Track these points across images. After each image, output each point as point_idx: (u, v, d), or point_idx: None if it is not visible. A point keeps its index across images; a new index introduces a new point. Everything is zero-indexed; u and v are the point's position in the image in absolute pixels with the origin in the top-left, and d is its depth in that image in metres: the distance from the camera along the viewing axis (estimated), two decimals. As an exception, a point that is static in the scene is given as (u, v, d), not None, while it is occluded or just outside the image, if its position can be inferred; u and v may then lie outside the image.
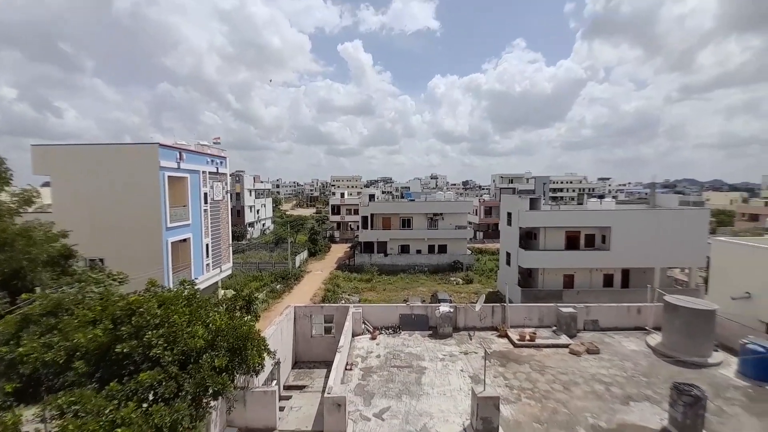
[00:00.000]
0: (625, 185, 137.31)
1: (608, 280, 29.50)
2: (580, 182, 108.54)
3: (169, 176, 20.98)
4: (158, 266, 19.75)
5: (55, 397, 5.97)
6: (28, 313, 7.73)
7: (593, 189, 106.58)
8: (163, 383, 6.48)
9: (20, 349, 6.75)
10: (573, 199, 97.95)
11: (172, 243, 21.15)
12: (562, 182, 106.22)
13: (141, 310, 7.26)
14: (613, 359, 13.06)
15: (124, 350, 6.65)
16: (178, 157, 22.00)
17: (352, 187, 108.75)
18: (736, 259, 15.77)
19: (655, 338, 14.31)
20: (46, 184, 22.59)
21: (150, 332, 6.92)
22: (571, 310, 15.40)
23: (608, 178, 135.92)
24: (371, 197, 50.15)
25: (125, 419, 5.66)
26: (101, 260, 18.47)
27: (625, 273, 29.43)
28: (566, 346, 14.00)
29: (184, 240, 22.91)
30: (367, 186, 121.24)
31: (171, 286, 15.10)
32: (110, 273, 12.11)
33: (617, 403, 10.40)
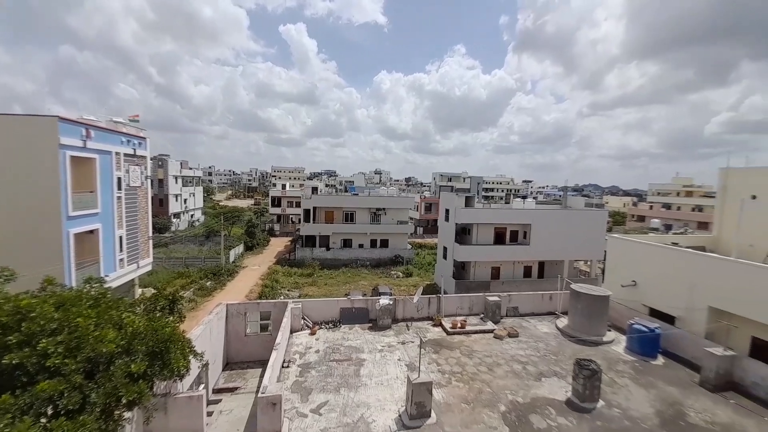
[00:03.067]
0: (543, 188, 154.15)
1: (527, 271, 33.04)
2: (508, 183, 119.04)
3: (72, 156, 17.95)
4: (58, 261, 16.89)
5: None
6: None
7: (518, 190, 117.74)
8: (65, 394, 5.63)
9: None
10: (502, 198, 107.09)
11: (75, 234, 18.21)
12: (493, 183, 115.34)
13: (33, 314, 6.18)
14: (529, 341, 14.72)
15: (13, 361, 5.62)
16: (84, 134, 18.94)
17: (295, 178, 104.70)
18: (626, 253, 18.79)
19: (563, 321, 16.47)
20: None
21: (45, 339, 5.95)
22: (496, 298, 16.94)
23: (530, 181, 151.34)
24: (314, 190, 48.89)
25: (15, 439, 4.82)
26: (-25, 255, 15.17)
27: (541, 265, 33.24)
28: (491, 331, 15.38)
29: (92, 231, 19.89)
30: (310, 178, 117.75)
31: (74, 284, 13.02)
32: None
33: (531, 379, 11.78)
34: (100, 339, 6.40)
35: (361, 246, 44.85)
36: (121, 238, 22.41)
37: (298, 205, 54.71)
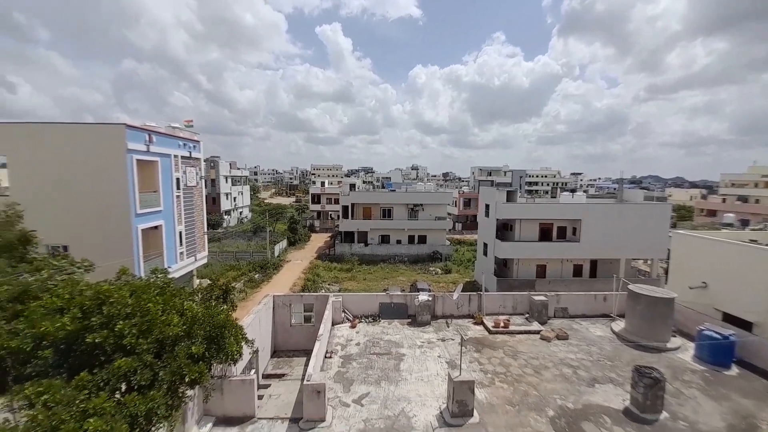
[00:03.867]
0: (595, 180, 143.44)
1: (578, 270, 30.99)
2: (554, 176, 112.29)
3: (137, 159, 19.92)
4: (128, 254, 18.89)
5: (22, 387, 5.68)
6: None
7: (566, 183, 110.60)
8: (138, 372, 6.29)
9: (-20, 337, 6.33)
10: (547, 192, 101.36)
11: (142, 230, 20.24)
12: (537, 176, 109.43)
13: (112, 299, 6.95)
14: (581, 344, 13.82)
15: (95, 340, 6.37)
16: (147, 139, 20.89)
17: (333, 176, 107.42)
18: (694, 252, 16.92)
19: (619, 324, 15.24)
20: (2, 166, 20.91)
21: (122, 322, 6.66)
22: (542, 298, 16.10)
23: (580, 173, 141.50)
24: (352, 187, 49.88)
25: (97, 409, 5.47)
26: (64, 247, 17.46)
27: (593, 263, 31.00)
28: (538, 332, 14.66)
29: (156, 227, 21.96)
30: (347, 175, 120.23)
31: (142, 274, 14.51)
32: (74, 261, 11.48)
33: (584, 385, 11.06)
34: (167, 323, 7.05)
35: (398, 242, 44.95)
36: (180, 233, 24.50)
37: (336, 201, 56.06)
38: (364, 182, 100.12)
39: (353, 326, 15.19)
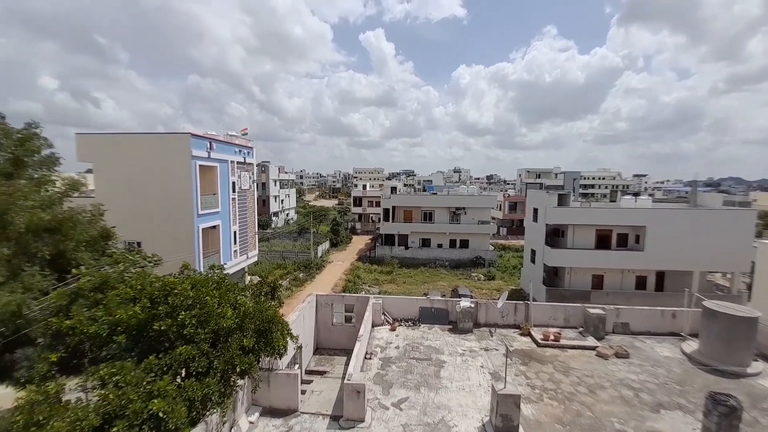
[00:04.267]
0: (663, 183, 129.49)
1: (641, 283, 28.09)
2: (614, 178, 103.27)
3: (200, 165, 21.83)
4: (190, 251, 20.73)
5: (97, 368, 6.42)
6: (79, 287, 8.33)
7: (628, 186, 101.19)
8: (196, 359, 6.84)
9: (68, 321, 7.30)
10: (605, 196, 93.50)
11: (202, 229, 22.10)
12: (593, 178, 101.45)
13: (176, 291, 7.65)
14: (644, 365, 12.49)
15: (161, 328, 7.05)
16: (209, 146, 22.81)
17: (374, 179, 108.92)
18: (788, 265, 14.55)
19: (691, 345, 13.54)
20: (88, 171, 24.11)
21: (184, 312, 7.30)
22: (599, 311, 14.82)
23: (644, 175, 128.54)
24: (393, 190, 50.09)
25: (161, 391, 6.03)
26: (138, 243, 19.61)
27: (660, 275, 27.91)
28: (593, 348, 13.51)
29: (214, 227, 23.86)
30: (389, 178, 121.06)
31: (201, 270, 15.82)
32: (145, 255, 12.84)
33: (647, 409, 9.97)
34: (222, 315, 7.62)
35: (439, 246, 44.22)
36: (235, 232, 26.38)
37: (377, 204, 56.70)
38: (405, 185, 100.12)
39: (393, 329, 15.19)
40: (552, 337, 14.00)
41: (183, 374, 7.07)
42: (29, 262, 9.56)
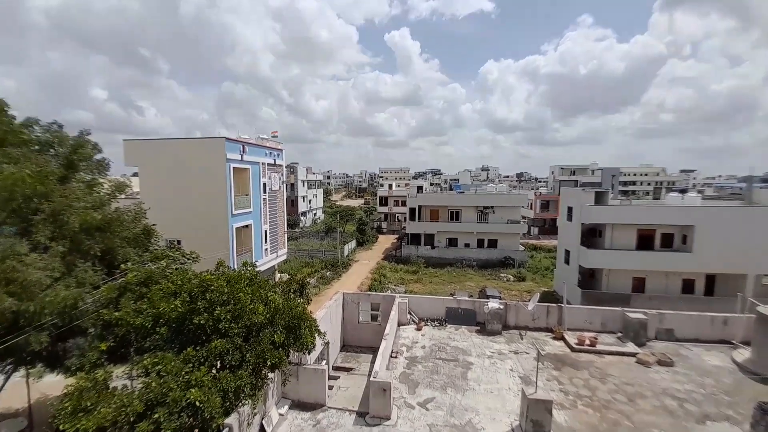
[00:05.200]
0: (713, 178, 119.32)
1: (688, 286, 26.04)
2: (657, 174, 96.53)
3: (234, 167, 22.84)
4: (225, 249, 21.75)
5: (142, 358, 6.90)
6: (127, 281, 9.00)
7: (673, 182, 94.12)
8: (230, 352, 7.17)
9: (116, 313, 7.90)
10: (648, 193, 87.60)
11: (236, 228, 23.12)
12: (635, 174, 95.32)
13: (213, 287, 8.06)
14: (690, 374, 11.60)
15: (200, 322, 7.45)
16: (242, 150, 23.80)
17: (400, 178, 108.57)
18: None
19: (743, 353, 12.41)
20: (134, 175, 25.95)
21: (219, 308, 7.67)
22: (641, 316, 13.93)
23: (693, 170, 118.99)
24: (419, 189, 49.82)
25: (198, 381, 6.38)
26: (178, 241, 20.81)
27: (710, 279, 25.74)
28: (633, 354, 12.73)
29: (246, 226, 24.88)
30: (415, 178, 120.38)
31: (235, 267, 16.50)
32: (185, 253, 13.60)
33: (692, 421, 9.27)
34: (254, 311, 7.93)
35: (467, 245, 43.37)
36: (265, 232, 27.36)
37: (403, 204, 56.53)
38: (431, 184, 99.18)
39: (419, 329, 15.11)
40: (588, 342, 13.34)
41: (218, 366, 7.44)
42: (82, 258, 10.42)
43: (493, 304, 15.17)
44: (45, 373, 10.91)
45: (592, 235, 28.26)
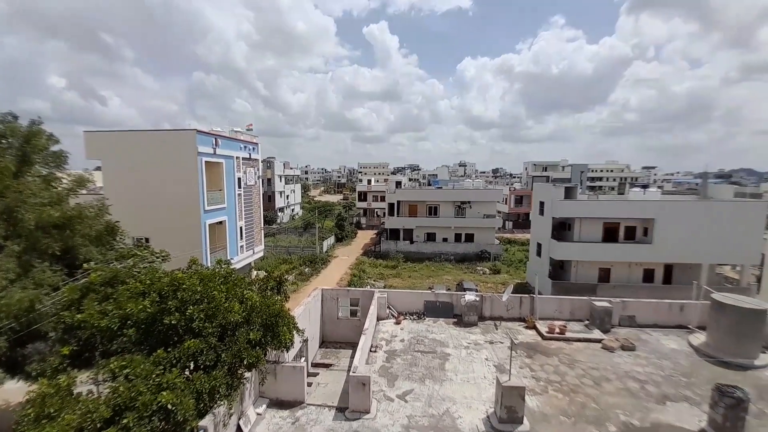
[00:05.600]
0: (672, 175, 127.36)
1: (648, 276, 27.82)
2: (622, 171, 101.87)
3: (206, 161, 21.98)
4: (197, 246, 20.99)
5: (108, 361, 6.58)
6: (90, 282, 8.51)
7: (636, 178, 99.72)
8: (204, 352, 6.97)
9: (79, 316, 7.47)
10: (613, 188, 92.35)
11: (209, 225, 22.33)
12: (601, 171, 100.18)
13: (184, 286, 7.78)
14: (650, 357, 12.43)
15: (171, 322, 7.18)
16: (214, 143, 22.94)
17: (379, 174, 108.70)
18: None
19: (699, 338, 13.44)
20: (97, 169, 24.43)
21: (192, 307, 7.42)
22: (606, 304, 14.74)
23: (654, 167, 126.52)
24: (398, 184, 50.02)
25: (170, 383, 6.16)
26: (146, 239, 19.87)
27: (668, 268, 27.61)
28: (599, 341, 13.47)
29: (220, 222, 24.09)
30: (394, 173, 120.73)
31: (209, 265, 15.97)
32: (154, 251, 13.02)
33: (652, 401, 9.95)
34: (229, 310, 7.73)
35: (445, 240, 44.17)
36: (241, 228, 26.61)
37: (382, 199, 56.68)
38: (410, 180, 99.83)
39: (398, 323, 15.28)
40: (557, 330, 13.98)
41: (191, 367, 7.22)
42: (39, 258, 9.76)
43: (470, 297, 15.56)
44: (5, 380, 10.21)
45: (562, 229, 29.51)
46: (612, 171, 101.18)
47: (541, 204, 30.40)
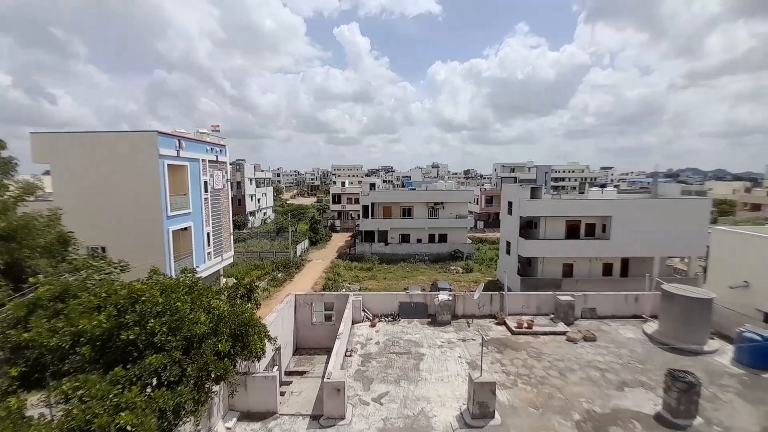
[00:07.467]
0: (627, 174, 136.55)
1: (607, 269, 29.65)
2: (582, 171, 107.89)
3: (168, 164, 20.90)
4: (160, 255, 19.89)
5: (60, 382, 6.09)
6: (37, 297, 7.84)
7: (595, 178, 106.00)
8: (168, 368, 6.62)
9: (26, 334, 6.86)
10: (575, 188, 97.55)
11: (173, 231, 21.25)
12: (564, 171, 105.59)
13: (144, 298, 7.35)
14: (610, 346, 13.25)
15: (129, 337, 6.76)
16: (178, 145, 21.88)
17: (353, 176, 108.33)
18: (735, 249, 15.80)
19: (652, 326, 14.48)
20: (46, 173, 22.57)
21: (153, 320, 7.02)
22: (569, 298, 15.54)
23: (611, 168, 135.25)
24: (372, 186, 50.05)
25: (129, 403, 5.80)
26: (103, 249, 18.62)
27: (625, 262, 29.56)
28: (563, 333, 14.18)
29: (185, 228, 22.99)
30: (368, 175, 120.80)
31: (173, 274, 15.20)
32: (110, 261, 12.23)
33: (612, 388, 10.61)
34: (195, 321, 7.38)
35: (419, 241, 44.73)
36: (208, 234, 25.53)
37: (357, 201, 56.51)
38: (384, 181, 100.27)
39: (373, 325, 15.29)
40: (525, 325, 14.57)
41: (154, 384, 6.83)
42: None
43: (443, 296, 15.87)
44: None
45: (529, 227, 30.81)
46: (573, 172, 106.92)
47: (509, 204, 31.58)
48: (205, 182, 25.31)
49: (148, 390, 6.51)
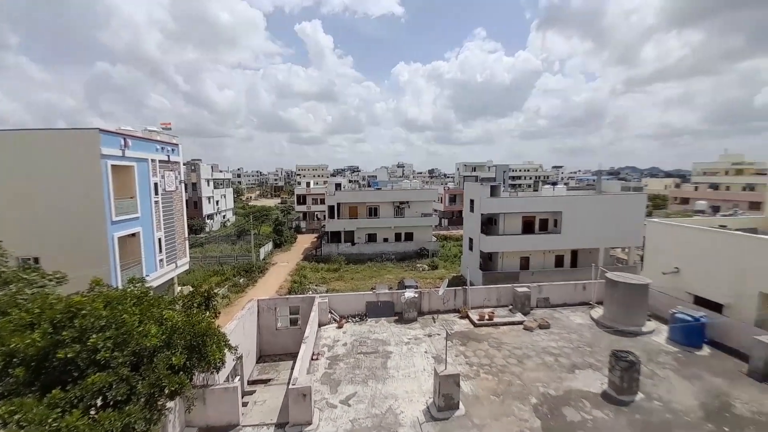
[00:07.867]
0: (575, 173, 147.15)
1: (559, 261, 31.81)
2: (537, 170, 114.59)
3: (112, 165, 19.24)
4: (104, 264, 18.27)
5: None
6: None
7: (548, 177, 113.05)
8: (114, 386, 6.12)
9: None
10: (530, 186, 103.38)
11: (118, 238, 19.59)
12: (520, 170, 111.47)
13: (84, 311, 6.73)
14: (562, 332, 14.23)
15: (67, 355, 6.17)
16: (123, 144, 20.21)
17: (318, 176, 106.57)
18: (667, 239, 17.61)
19: (598, 311, 15.76)
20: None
21: (95, 335, 6.46)
22: (525, 289, 16.48)
23: (561, 167, 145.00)
24: (338, 186, 49.51)
25: (70, 427, 5.31)
26: (35, 259, 16.74)
27: (574, 254, 31.88)
28: (521, 323, 15.01)
29: (133, 234, 21.31)
30: (333, 175, 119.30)
31: (119, 284, 14.02)
32: (44, 273, 11.06)
33: (564, 371, 11.41)
34: (144, 334, 6.89)
35: (385, 240, 45.05)
36: (160, 240, 23.85)
37: (322, 202, 55.69)
38: (350, 181, 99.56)
39: (340, 326, 15.18)
40: (486, 317, 15.23)
41: (98, 405, 6.29)
42: None
43: (409, 294, 16.12)
44: None
45: (490, 224, 32.20)
46: (528, 170, 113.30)
47: (471, 202, 32.78)
48: (156, 184, 23.62)
49: (92, 412, 5.99)
